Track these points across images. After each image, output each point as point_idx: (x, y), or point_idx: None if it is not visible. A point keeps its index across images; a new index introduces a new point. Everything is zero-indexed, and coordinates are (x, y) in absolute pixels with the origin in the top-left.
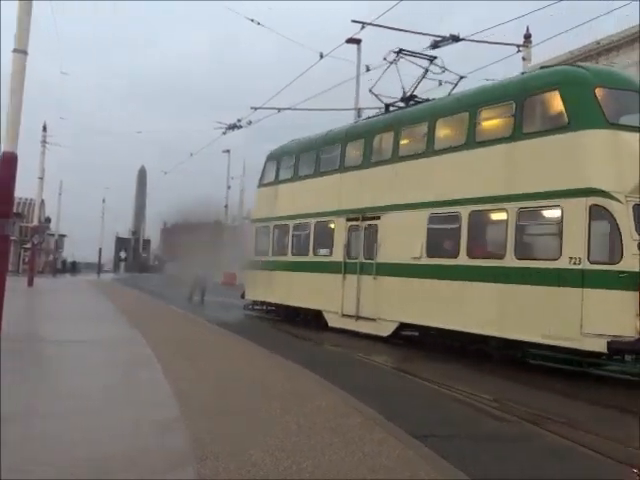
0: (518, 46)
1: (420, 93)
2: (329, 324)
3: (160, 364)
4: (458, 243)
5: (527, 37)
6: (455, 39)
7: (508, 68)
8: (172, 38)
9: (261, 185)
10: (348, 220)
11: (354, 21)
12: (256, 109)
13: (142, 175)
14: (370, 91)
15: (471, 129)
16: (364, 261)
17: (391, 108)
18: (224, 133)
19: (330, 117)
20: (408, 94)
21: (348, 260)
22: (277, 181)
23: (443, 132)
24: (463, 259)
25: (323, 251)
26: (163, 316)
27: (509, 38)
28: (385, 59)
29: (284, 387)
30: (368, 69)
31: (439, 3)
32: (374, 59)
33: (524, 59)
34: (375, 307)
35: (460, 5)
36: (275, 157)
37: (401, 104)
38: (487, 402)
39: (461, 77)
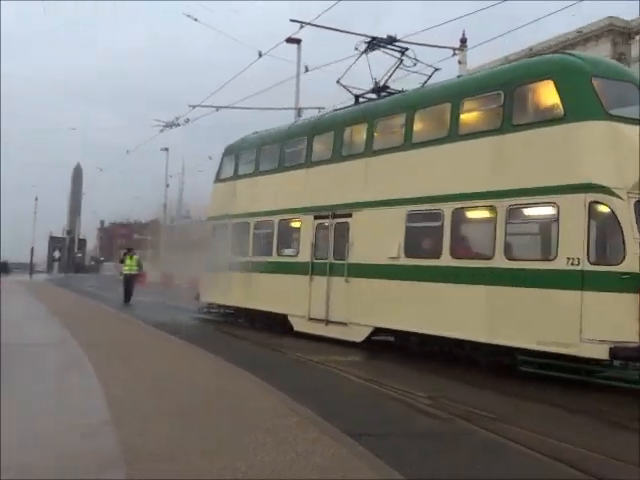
0: (454, 49)
1: (391, 85)
2: (295, 328)
3: (93, 366)
4: (440, 243)
5: (463, 41)
6: (391, 40)
7: (444, 71)
8: (110, 36)
9: (218, 180)
10: (316, 218)
11: (293, 20)
12: (194, 107)
13: (78, 173)
14: (338, 82)
15: (454, 121)
16: (334, 262)
17: (361, 100)
18: (161, 131)
19: (270, 117)
20: (381, 84)
21: (316, 260)
22: (236, 176)
23: (423, 124)
24: (446, 259)
25: (288, 251)
26: (97, 317)
27: (445, 41)
28: (356, 49)
29: (221, 389)
30: (307, 69)
31: (378, 3)
32: (315, 59)
33: (460, 62)
34: (347, 311)
35: (398, 5)
36: (233, 151)
37: (372, 96)
38: (422, 400)
39: (435, 69)
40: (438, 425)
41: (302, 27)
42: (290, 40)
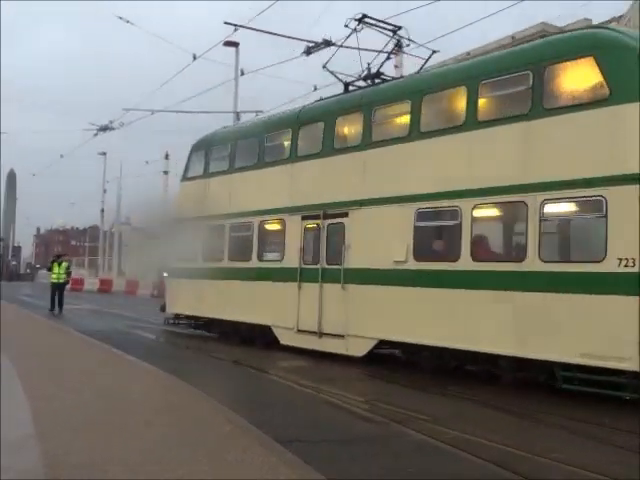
0: (388, 53)
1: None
2: (281, 342)
3: (20, 378)
4: (458, 244)
5: (399, 45)
6: (328, 44)
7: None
8: (41, 38)
9: (185, 179)
10: (304, 219)
11: (227, 23)
12: (128, 110)
13: (11, 179)
14: (324, 67)
15: (471, 106)
16: (327, 267)
17: (351, 88)
18: (96, 135)
19: (209, 120)
20: (376, 70)
21: (305, 266)
22: (207, 174)
23: (432, 111)
24: (466, 263)
25: (271, 256)
26: (29, 328)
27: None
28: (347, 26)
29: (154, 399)
30: (243, 73)
31: (313, 4)
32: (256, 62)
33: (397, 67)
34: (344, 322)
35: (336, 6)
36: (203, 146)
37: (361, 83)
38: (359, 404)
39: (434, 51)
40: (372, 429)
41: (236, 30)
42: (228, 43)
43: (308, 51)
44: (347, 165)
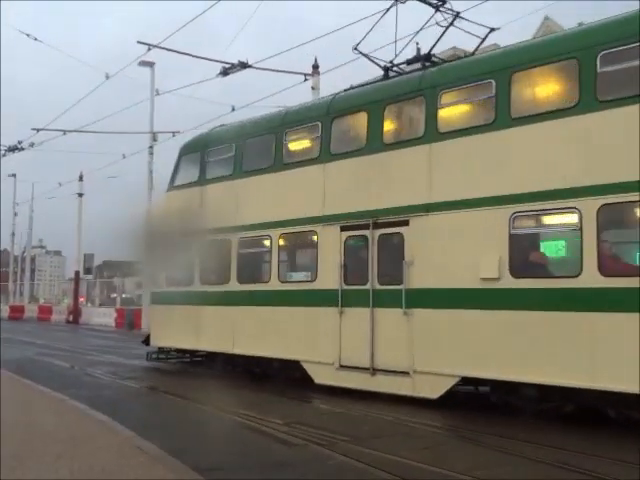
0: (305, 75)
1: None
2: (316, 380)
3: None
4: (579, 255)
5: (315, 67)
6: (244, 66)
7: (295, 98)
8: None
9: (172, 188)
10: (345, 229)
11: (140, 42)
12: (38, 130)
13: None
14: (355, 49)
15: (589, 83)
16: (380, 288)
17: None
18: (4, 155)
19: (124, 140)
20: (428, 51)
21: (348, 287)
22: (203, 180)
23: (527, 93)
24: (593, 278)
25: (297, 276)
26: None
27: (297, 67)
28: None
29: (66, 431)
30: (158, 93)
31: (229, 27)
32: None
33: (313, 88)
34: (409, 355)
35: (249, 29)
36: (197, 148)
37: (401, 67)
38: (279, 427)
39: (491, 29)
40: (293, 453)
41: (150, 49)
42: (143, 63)
43: (225, 72)
44: (405, 162)
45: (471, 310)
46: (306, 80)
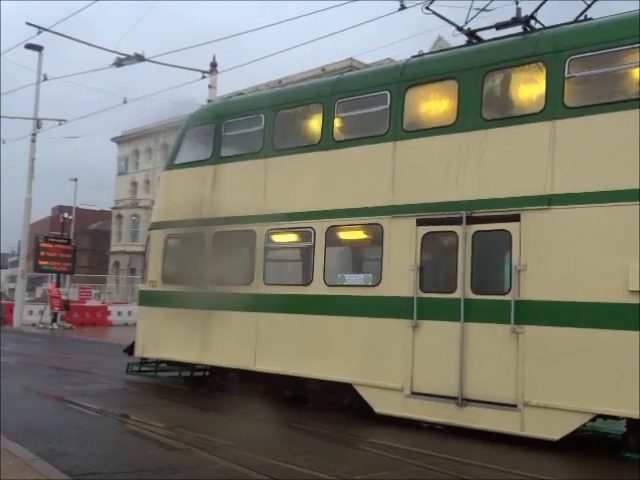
0: (203, 72)
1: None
2: (376, 409)
3: None
4: None
5: (213, 65)
6: (140, 58)
7: (193, 94)
8: None
9: (174, 166)
10: (422, 223)
11: (29, 24)
12: None
13: None
14: (427, 8)
15: None
16: (476, 297)
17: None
18: None
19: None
20: (531, 13)
21: (427, 294)
22: (217, 158)
23: None
24: None
25: (353, 278)
26: None
27: (195, 64)
28: None
29: None
30: (46, 78)
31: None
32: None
33: (210, 87)
34: (516, 383)
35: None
36: (212, 119)
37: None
38: (161, 431)
39: None
40: (175, 457)
41: (40, 32)
42: (30, 46)
43: (119, 63)
44: (515, 143)
45: (614, 330)
46: (204, 78)
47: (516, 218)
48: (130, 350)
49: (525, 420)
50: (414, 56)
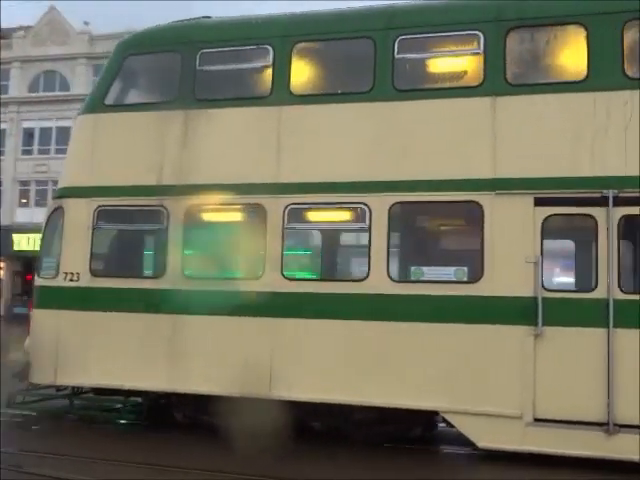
0: None
1: None
2: (482, 444)
3: None
4: None
5: None
6: None
7: None
8: None
9: (105, 109)
10: (542, 204)
11: None
12: None
13: None
14: None
15: None
16: (627, 298)
17: None
18: None
19: None
20: None
21: (555, 295)
22: (189, 101)
23: None
24: None
25: (434, 272)
26: None
27: None
28: None
29: None
30: None
31: None
32: None
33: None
34: None
35: None
36: (174, 46)
37: None
38: None
39: None
40: None
41: None
42: None
43: None
44: None
45: None
46: None
47: None
48: (22, 375)
49: None
50: None
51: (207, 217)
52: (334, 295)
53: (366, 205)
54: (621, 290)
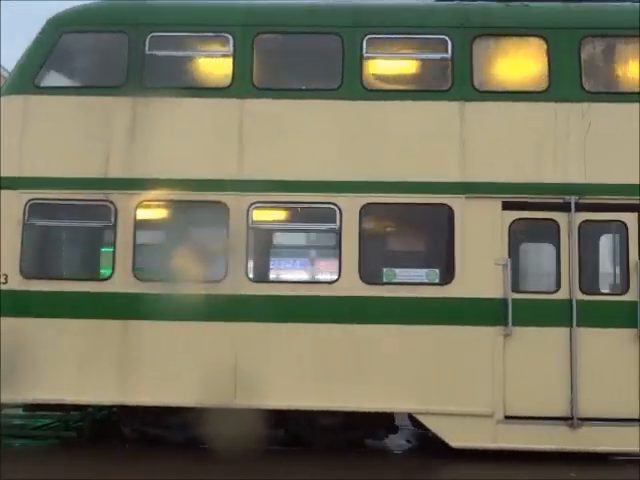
0: None
1: None
2: (455, 444)
3: None
4: None
5: None
6: None
7: None
8: None
9: (36, 90)
10: (509, 207)
11: None
12: None
13: None
14: None
15: None
16: (588, 298)
17: None
18: None
19: None
20: None
21: (520, 295)
22: (137, 87)
23: None
24: None
25: (408, 274)
26: None
27: None
28: None
29: None
30: None
31: None
32: None
33: None
34: None
35: None
36: (118, 26)
37: None
38: None
39: None
40: None
41: None
42: None
43: None
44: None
45: None
46: None
47: (635, 208)
48: None
49: None
50: None
51: (162, 214)
52: (303, 297)
53: (336, 205)
54: (582, 291)
